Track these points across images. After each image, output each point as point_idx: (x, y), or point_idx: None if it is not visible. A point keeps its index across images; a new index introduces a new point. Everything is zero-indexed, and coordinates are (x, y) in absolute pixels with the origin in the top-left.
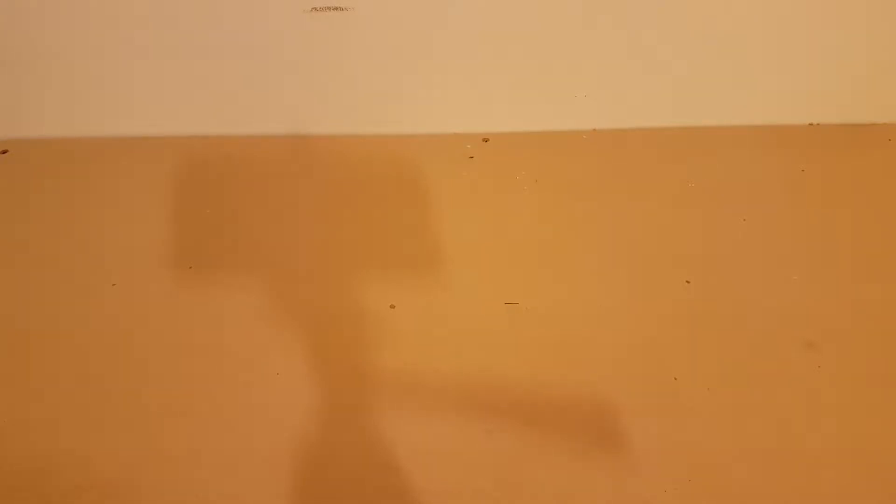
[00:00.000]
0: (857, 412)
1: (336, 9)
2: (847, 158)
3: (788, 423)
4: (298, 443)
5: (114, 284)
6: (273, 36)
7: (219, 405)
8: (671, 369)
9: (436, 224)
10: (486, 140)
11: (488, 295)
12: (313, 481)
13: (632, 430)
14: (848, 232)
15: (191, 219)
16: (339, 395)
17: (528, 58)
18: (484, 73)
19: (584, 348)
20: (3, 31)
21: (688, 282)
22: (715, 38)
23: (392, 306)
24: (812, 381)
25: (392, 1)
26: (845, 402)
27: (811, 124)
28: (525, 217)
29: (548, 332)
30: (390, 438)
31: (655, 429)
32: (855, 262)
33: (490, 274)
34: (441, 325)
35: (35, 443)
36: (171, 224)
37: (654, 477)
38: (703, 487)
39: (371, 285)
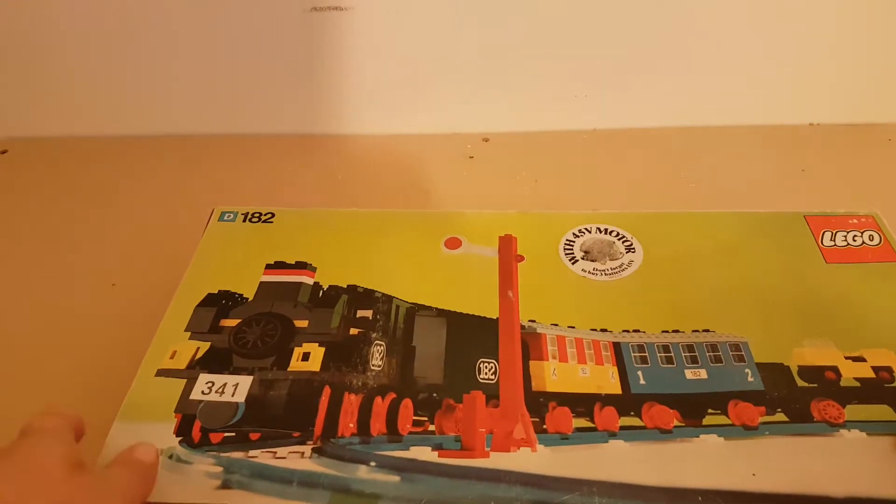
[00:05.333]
0: None
1: (336, 8)
2: (847, 158)
3: None
4: None
5: (113, 284)
6: (273, 35)
7: None
8: None
9: None
10: (486, 140)
11: None
12: None
13: None
14: None
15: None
16: None
17: (528, 58)
18: (484, 72)
19: None
20: (3, 30)
21: None
22: (715, 37)
23: None
24: None
25: (392, 0)
26: None
27: (811, 124)
28: None
29: None
30: None
31: None
32: None
33: None
34: None
35: None
36: (171, 224)
37: None
38: None
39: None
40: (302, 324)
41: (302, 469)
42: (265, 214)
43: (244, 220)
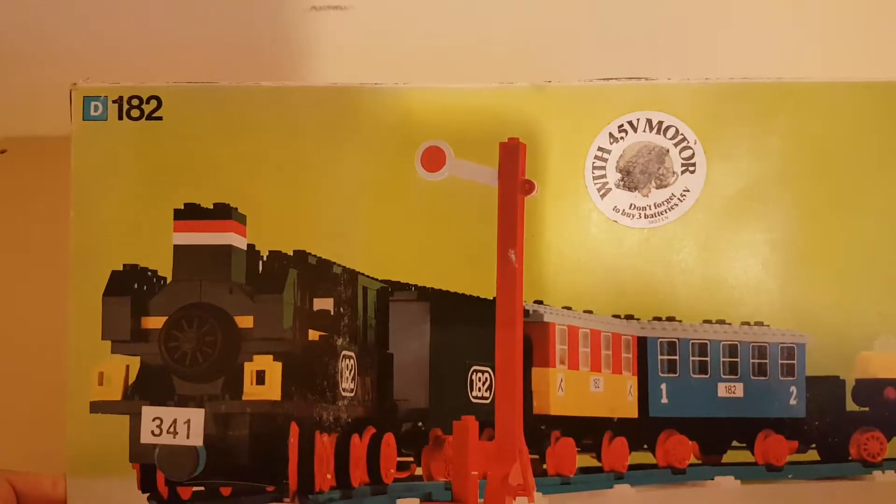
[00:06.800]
0: None
1: (336, 8)
2: None
3: None
4: None
5: None
6: (272, 35)
7: None
8: None
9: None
10: None
11: None
12: None
13: None
14: None
15: None
16: None
17: (528, 59)
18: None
19: None
20: (3, 29)
21: None
22: None
23: None
24: None
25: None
26: None
27: None
28: None
29: None
30: None
31: None
32: None
33: None
34: None
35: (32, 444)
36: None
37: None
38: None
39: None
40: (245, 322)
41: None
42: (148, 102)
43: (120, 116)
